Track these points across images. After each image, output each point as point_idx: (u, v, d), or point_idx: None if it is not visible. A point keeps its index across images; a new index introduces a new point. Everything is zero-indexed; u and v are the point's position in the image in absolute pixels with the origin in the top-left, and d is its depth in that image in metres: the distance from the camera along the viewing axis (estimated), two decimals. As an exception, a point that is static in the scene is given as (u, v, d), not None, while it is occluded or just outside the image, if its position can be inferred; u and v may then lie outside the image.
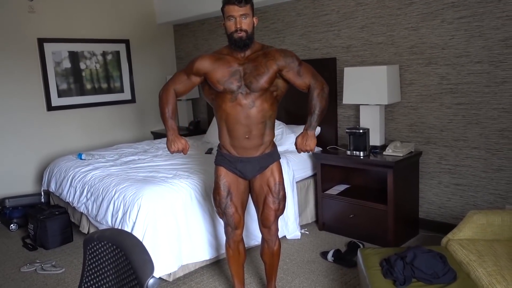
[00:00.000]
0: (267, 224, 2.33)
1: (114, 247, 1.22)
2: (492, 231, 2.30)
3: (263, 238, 2.42)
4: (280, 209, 2.33)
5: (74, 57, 4.62)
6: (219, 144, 2.33)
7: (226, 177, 2.29)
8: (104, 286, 1.25)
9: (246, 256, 2.50)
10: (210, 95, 2.26)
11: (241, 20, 2.08)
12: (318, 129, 3.90)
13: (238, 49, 2.14)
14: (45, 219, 3.39)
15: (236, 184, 2.30)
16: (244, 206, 2.38)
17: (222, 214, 2.33)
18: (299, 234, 3.39)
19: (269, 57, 2.16)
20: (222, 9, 2.14)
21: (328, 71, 3.79)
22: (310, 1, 3.91)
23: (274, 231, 2.36)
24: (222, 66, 2.15)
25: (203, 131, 4.99)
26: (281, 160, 2.37)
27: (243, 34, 2.09)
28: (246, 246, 3.08)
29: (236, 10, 2.07)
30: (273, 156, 2.31)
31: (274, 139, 2.34)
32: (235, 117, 2.16)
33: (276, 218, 2.34)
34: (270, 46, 2.25)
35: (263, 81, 2.13)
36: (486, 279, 1.92)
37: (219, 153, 2.32)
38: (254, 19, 2.16)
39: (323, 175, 3.49)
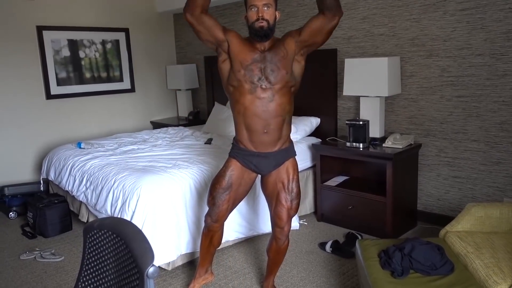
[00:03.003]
0: (280, 224, 2.29)
1: (114, 235, 1.22)
2: (490, 224, 2.32)
3: (272, 236, 2.38)
4: (293, 208, 2.28)
5: (74, 45, 4.59)
6: (234, 138, 2.31)
7: (235, 171, 2.27)
8: (104, 274, 1.25)
9: (219, 245, 2.46)
10: (229, 86, 2.22)
11: (263, 10, 2.08)
12: (318, 121, 3.89)
13: (259, 39, 2.13)
14: (44, 208, 3.39)
15: (240, 181, 2.28)
16: (235, 205, 2.36)
17: (212, 203, 2.29)
18: (298, 224, 3.40)
19: (284, 38, 2.18)
20: (245, 0, 2.14)
21: (328, 62, 3.77)
22: (312, -9, 3.88)
23: (286, 231, 2.32)
24: (247, 49, 2.16)
25: (203, 121, 4.98)
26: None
27: (264, 23, 2.08)
28: (245, 236, 3.11)
29: (259, 0, 2.07)
30: (289, 152, 2.30)
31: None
32: (254, 110, 2.15)
33: (289, 218, 2.29)
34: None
35: (282, 66, 2.13)
36: (483, 271, 1.93)
37: (235, 147, 2.30)
38: (277, 13, 2.16)
39: (322, 167, 3.50)
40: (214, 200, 2.28)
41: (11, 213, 3.85)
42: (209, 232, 2.36)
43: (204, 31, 2.14)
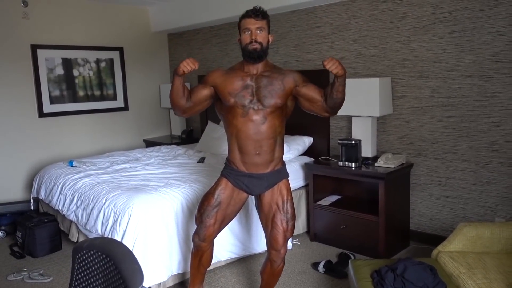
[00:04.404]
0: (277, 247, 2.28)
1: (104, 256, 1.20)
2: (482, 244, 2.32)
3: (268, 258, 2.36)
4: (289, 230, 2.28)
5: (68, 64, 4.61)
6: (227, 158, 2.33)
7: (225, 190, 2.27)
8: (92, 296, 1.23)
9: (209, 265, 2.45)
10: (221, 111, 2.28)
11: (257, 33, 2.13)
12: (311, 140, 3.91)
13: (252, 61, 2.16)
14: (33, 227, 3.34)
15: (229, 200, 2.28)
16: (224, 224, 2.35)
17: (200, 221, 2.29)
18: (291, 244, 3.38)
19: (286, 74, 2.22)
20: (239, 24, 2.19)
21: (321, 83, 3.80)
22: (304, 13, 3.95)
23: (283, 254, 2.31)
24: (234, 79, 2.19)
25: (196, 140, 4.98)
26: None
27: (257, 46, 2.12)
28: (238, 256, 3.08)
29: (252, 23, 2.12)
30: (282, 173, 2.31)
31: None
32: (246, 132, 2.17)
33: (286, 240, 2.29)
34: (282, 68, 2.32)
35: (277, 96, 2.17)
36: (475, 291, 1.92)
37: (227, 167, 2.31)
38: (270, 36, 2.20)
39: (315, 186, 3.50)
40: (201, 217, 2.28)
41: (-1, 232, 3.79)
42: (197, 252, 2.34)
43: (201, 107, 2.28)
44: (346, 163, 3.29)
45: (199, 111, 2.31)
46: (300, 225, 3.64)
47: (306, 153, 3.89)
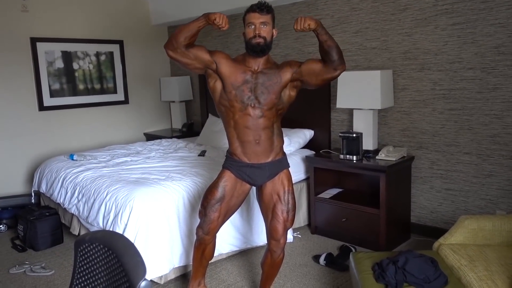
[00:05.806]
0: (276, 237, 2.29)
1: (106, 249, 1.20)
2: (483, 236, 2.32)
3: (268, 248, 2.38)
4: (290, 220, 2.29)
5: (67, 57, 4.59)
6: (228, 150, 2.33)
7: (228, 182, 2.28)
8: (95, 289, 1.24)
9: (211, 258, 2.45)
10: (220, 106, 2.27)
11: (261, 27, 2.13)
12: (312, 133, 3.90)
13: (255, 55, 2.16)
14: (35, 220, 3.35)
15: (232, 192, 2.29)
16: (227, 217, 2.36)
17: (203, 214, 2.29)
18: (292, 237, 3.38)
19: (281, 66, 2.22)
20: (244, 18, 2.18)
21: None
22: (305, 5, 3.92)
23: (282, 244, 2.32)
24: (237, 70, 2.20)
25: (197, 133, 4.98)
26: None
27: (261, 40, 2.12)
28: (239, 248, 3.09)
29: (256, 17, 2.12)
30: (283, 163, 2.32)
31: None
32: (244, 124, 2.20)
33: (285, 230, 2.30)
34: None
35: (273, 91, 2.18)
36: (477, 283, 1.93)
37: (229, 159, 2.32)
38: (274, 31, 2.20)
39: (316, 179, 3.50)
40: (205, 211, 2.28)
41: (1, 226, 3.79)
42: (200, 245, 2.35)
43: (191, 62, 2.18)
44: (347, 156, 3.29)
45: (183, 65, 2.18)
46: (301, 218, 3.65)
47: (307, 146, 3.89)
